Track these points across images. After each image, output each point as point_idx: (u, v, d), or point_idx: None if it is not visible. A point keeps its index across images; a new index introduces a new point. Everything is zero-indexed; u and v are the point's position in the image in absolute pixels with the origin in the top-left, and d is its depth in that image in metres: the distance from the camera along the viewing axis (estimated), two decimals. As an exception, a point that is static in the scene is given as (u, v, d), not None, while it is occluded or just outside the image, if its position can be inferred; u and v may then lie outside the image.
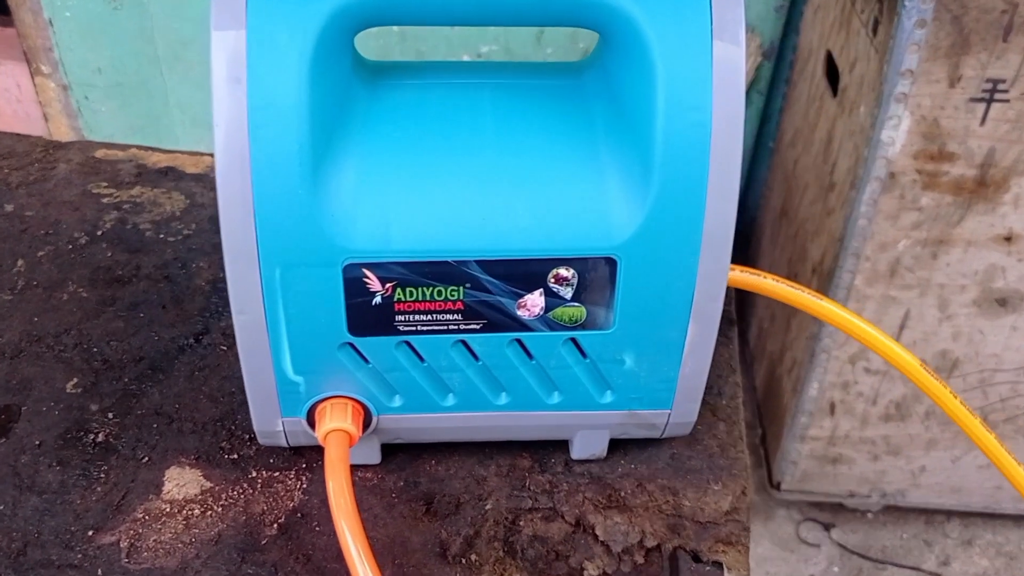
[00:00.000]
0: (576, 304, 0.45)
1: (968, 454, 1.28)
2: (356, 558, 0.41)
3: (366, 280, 0.44)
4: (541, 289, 0.45)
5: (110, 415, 0.56)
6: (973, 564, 1.38)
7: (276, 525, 0.50)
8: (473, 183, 0.44)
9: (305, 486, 0.52)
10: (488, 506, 0.51)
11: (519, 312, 0.45)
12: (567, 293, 0.45)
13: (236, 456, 0.54)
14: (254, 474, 0.53)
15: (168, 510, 0.50)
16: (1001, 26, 0.90)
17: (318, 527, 0.50)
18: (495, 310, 0.45)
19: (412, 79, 0.48)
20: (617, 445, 0.54)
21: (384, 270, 0.43)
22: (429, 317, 0.45)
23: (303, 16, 0.41)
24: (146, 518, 0.50)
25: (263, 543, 0.49)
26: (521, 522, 0.51)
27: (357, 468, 0.53)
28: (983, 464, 1.29)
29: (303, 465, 0.53)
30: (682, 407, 0.51)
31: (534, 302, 0.45)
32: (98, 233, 0.70)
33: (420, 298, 0.44)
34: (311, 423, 0.49)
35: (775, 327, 1.42)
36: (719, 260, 0.45)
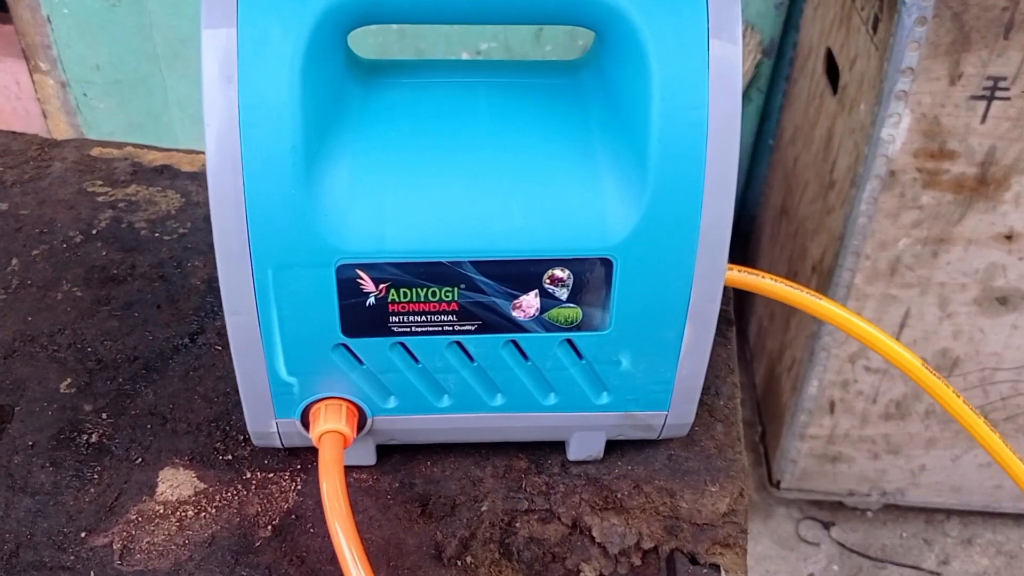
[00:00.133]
0: (572, 305, 0.45)
1: (968, 453, 1.28)
2: (350, 560, 0.41)
3: (360, 281, 0.43)
4: (536, 290, 0.44)
5: (104, 415, 0.55)
6: (973, 563, 1.38)
7: (270, 527, 0.50)
8: (467, 183, 0.43)
9: (300, 487, 0.52)
10: (484, 508, 0.51)
11: (514, 313, 0.45)
12: (562, 294, 0.45)
13: (230, 457, 0.53)
14: (248, 475, 0.52)
15: (161, 511, 0.50)
16: (1002, 23, 0.90)
17: (312, 529, 0.50)
18: (490, 311, 0.45)
19: (406, 78, 0.47)
20: (614, 446, 0.54)
21: (378, 271, 0.43)
22: (423, 318, 0.45)
23: (295, 14, 0.40)
24: (139, 519, 0.50)
25: (257, 545, 0.49)
26: (517, 524, 0.50)
27: (352, 469, 0.53)
28: (983, 463, 1.29)
29: (298, 466, 0.53)
30: (679, 408, 0.50)
31: (529, 303, 0.45)
32: (93, 232, 0.70)
33: (414, 299, 0.44)
34: (305, 424, 0.48)
35: (775, 325, 1.42)
36: (716, 260, 0.45)
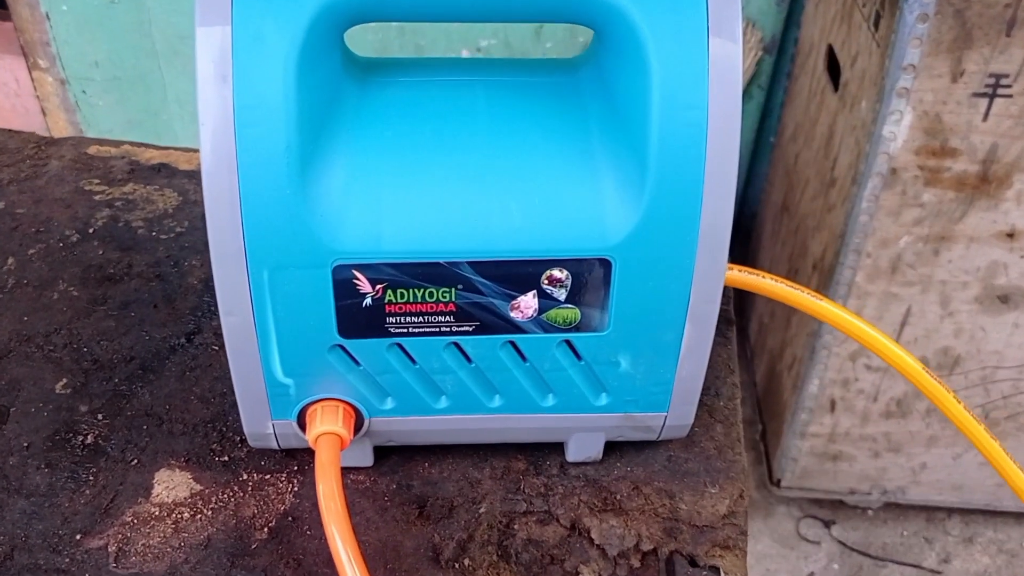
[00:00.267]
0: (570, 306, 0.45)
1: (969, 451, 1.28)
2: (346, 563, 0.41)
3: (356, 281, 0.43)
4: (534, 291, 0.44)
5: (99, 416, 0.55)
6: (974, 561, 1.38)
7: (267, 529, 0.49)
8: (465, 182, 0.43)
9: (296, 489, 0.51)
10: (482, 509, 0.51)
11: (512, 314, 0.45)
12: (561, 295, 0.44)
13: (227, 458, 0.53)
14: (245, 477, 0.52)
15: (157, 513, 0.50)
16: (1004, 20, 0.89)
17: (309, 531, 0.49)
18: (488, 312, 0.44)
19: (403, 76, 0.47)
20: (613, 447, 0.53)
21: (374, 271, 0.43)
22: (421, 319, 0.44)
23: (290, 11, 0.40)
24: (135, 521, 0.49)
25: (253, 547, 0.48)
26: (515, 525, 0.50)
27: (349, 471, 0.52)
28: (984, 461, 1.28)
29: (295, 467, 0.52)
30: (678, 409, 0.50)
31: (527, 304, 0.44)
32: (90, 231, 0.70)
33: (411, 300, 0.44)
34: (302, 426, 0.48)
35: (775, 323, 1.41)
36: (716, 261, 0.44)
